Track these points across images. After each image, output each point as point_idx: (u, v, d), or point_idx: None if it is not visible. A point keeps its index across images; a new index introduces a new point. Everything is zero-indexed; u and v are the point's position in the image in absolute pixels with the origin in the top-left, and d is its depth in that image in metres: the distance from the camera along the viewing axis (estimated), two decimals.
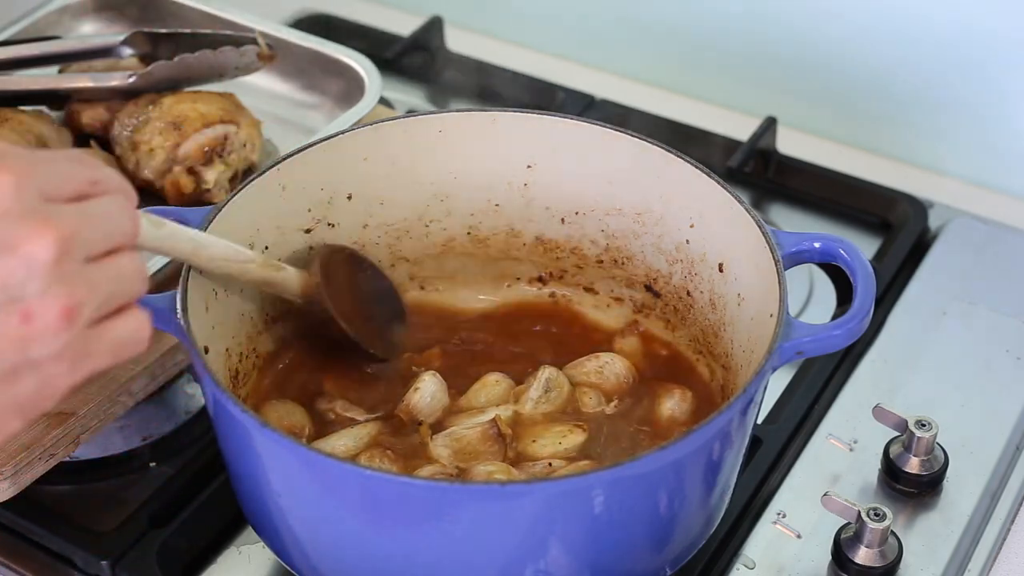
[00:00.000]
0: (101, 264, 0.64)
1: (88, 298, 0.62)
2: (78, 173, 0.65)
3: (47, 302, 0.61)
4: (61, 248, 0.61)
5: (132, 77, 1.06)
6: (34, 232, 0.61)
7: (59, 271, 0.61)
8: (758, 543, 0.89)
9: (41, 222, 0.61)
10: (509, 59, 1.31)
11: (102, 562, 0.86)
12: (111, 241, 0.65)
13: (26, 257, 0.60)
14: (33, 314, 0.61)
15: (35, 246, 0.61)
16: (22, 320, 0.61)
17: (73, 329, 0.62)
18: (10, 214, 0.61)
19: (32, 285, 0.61)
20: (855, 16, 1.21)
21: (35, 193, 0.62)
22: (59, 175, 0.64)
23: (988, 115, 1.20)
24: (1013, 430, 0.97)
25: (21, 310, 0.61)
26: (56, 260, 0.61)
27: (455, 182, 0.95)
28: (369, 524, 0.75)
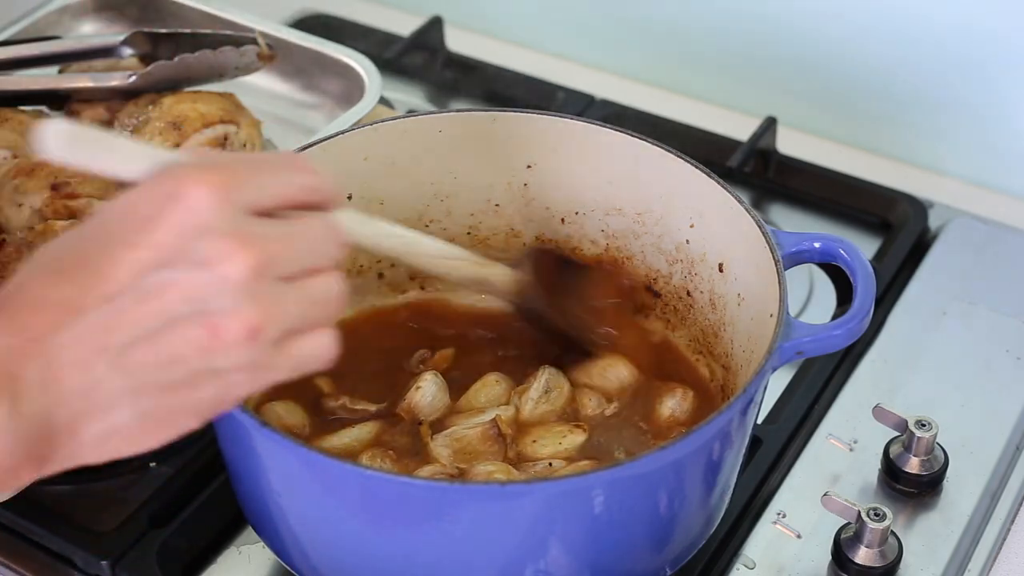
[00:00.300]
0: (295, 285, 0.65)
1: (275, 319, 0.64)
2: (289, 181, 0.67)
3: (235, 319, 0.63)
4: (255, 270, 0.63)
5: (132, 77, 1.07)
6: (230, 252, 0.62)
7: (250, 290, 0.63)
8: (758, 543, 0.89)
9: (239, 242, 0.62)
10: (509, 59, 1.31)
11: (102, 562, 0.86)
12: (309, 263, 0.66)
13: (219, 275, 0.62)
14: (220, 328, 0.63)
15: (229, 266, 0.62)
16: (209, 332, 0.63)
17: (256, 346, 0.64)
18: (210, 230, 0.62)
19: (221, 301, 0.62)
20: (855, 16, 1.21)
21: (238, 207, 0.63)
22: (266, 187, 0.65)
23: (988, 115, 1.20)
24: (1013, 430, 0.97)
25: (209, 323, 0.63)
26: (248, 281, 0.63)
27: (455, 182, 0.95)
28: (369, 524, 0.75)
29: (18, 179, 1.00)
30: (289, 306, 0.65)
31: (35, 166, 1.01)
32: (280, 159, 0.69)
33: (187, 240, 0.62)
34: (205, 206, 0.62)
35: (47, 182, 1.00)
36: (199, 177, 0.63)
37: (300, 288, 0.65)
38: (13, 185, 1.00)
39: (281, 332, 0.65)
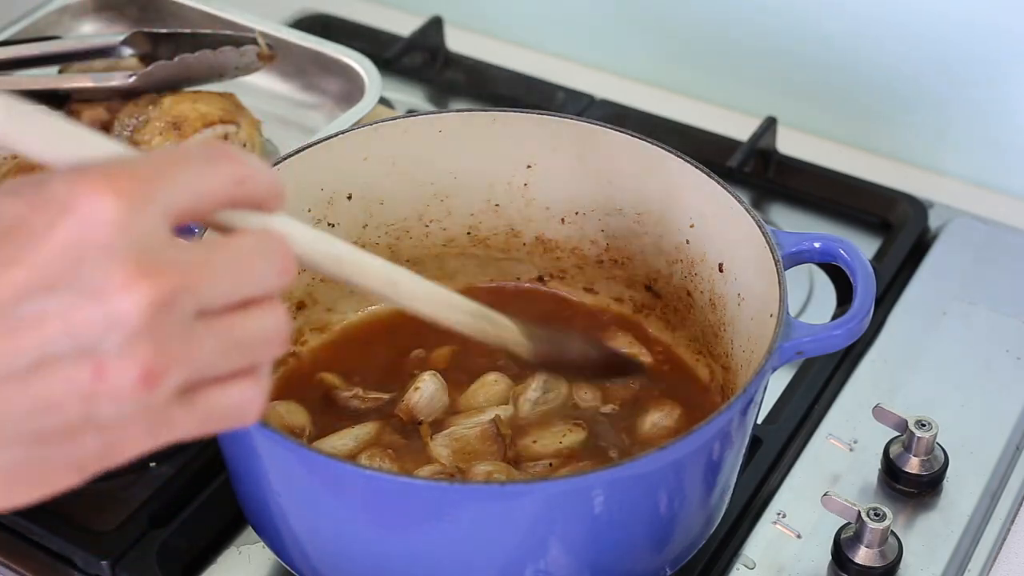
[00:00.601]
0: (217, 323, 0.54)
1: (180, 364, 0.53)
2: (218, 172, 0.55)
3: (125, 362, 0.51)
4: (156, 305, 0.51)
5: (132, 77, 1.07)
6: (127, 281, 0.51)
7: (149, 329, 0.51)
8: (758, 543, 0.89)
9: (139, 270, 0.51)
10: (509, 59, 1.31)
11: (102, 562, 0.86)
12: (240, 294, 0.54)
13: (111, 308, 0.51)
14: (106, 371, 0.51)
15: (123, 299, 0.51)
16: (93, 375, 0.51)
17: (152, 396, 0.52)
18: (107, 252, 0.51)
19: (111, 339, 0.51)
20: (855, 16, 1.21)
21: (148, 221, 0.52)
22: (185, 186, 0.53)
23: (988, 115, 1.20)
24: (1013, 430, 0.97)
25: (94, 364, 0.51)
26: (146, 317, 0.51)
27: (455, 182, 0.95)
28: (369, 524, 0.75)
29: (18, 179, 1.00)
30: (203, 349, 0.53)
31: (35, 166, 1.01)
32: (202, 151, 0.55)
33: (77, 262, 0.51)
34: (103, 220, 0.51)
35: None
36: (99, 183, 0.51)
37: (222, 327, 0.54)
38: None
39: (188, 380, 0.53)
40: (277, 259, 0.55)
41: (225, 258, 0.54)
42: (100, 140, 0.56)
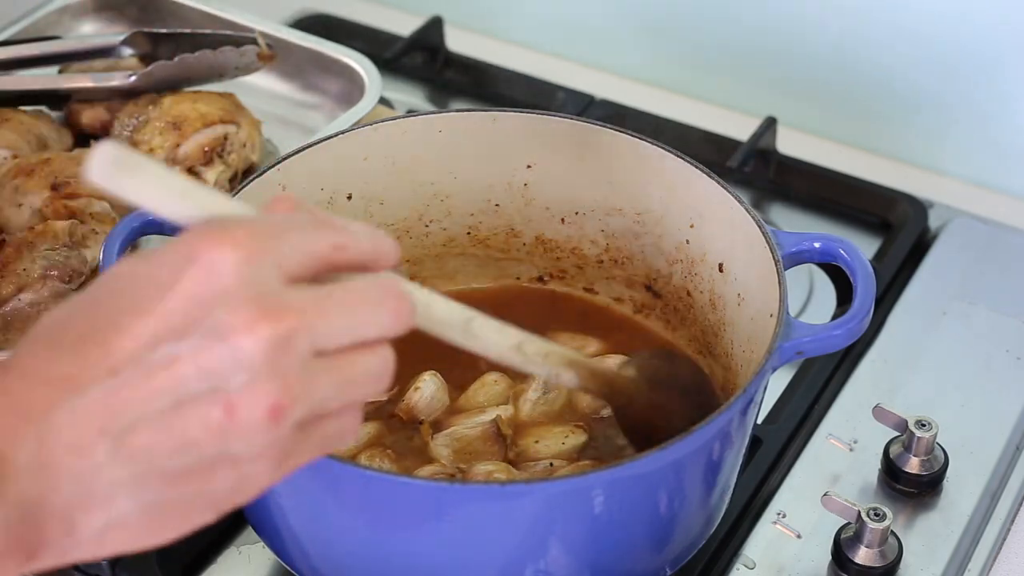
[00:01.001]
0: (332, 362, 0.58)
1: (302, 399, 0.56)
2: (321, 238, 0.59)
3: (254, 397, 0.55)
4: (277, 342, 0.55)
5: (132, 77, 1.07)
6: (249, 321, 0.55)
7: (272, 365, 0.55)
8: (758, 543, 0.89)
9: (260, 310, 0.55)
10: (509, 59, 1.31)
11: (102, 562, 0.86)
12: (353, 336, 0.58)
13: (235, 347, 0.55)
14: (237, 408, 0.55)
15: (247, 337, 0.55)
16: (225, 412, 0.55)
17: (279, 430, 0.56)
18: (230, 297, 0.55)
19: (239, 377, 0.55)
20: (855, 16, 1.21)
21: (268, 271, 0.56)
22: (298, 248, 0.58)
23: (988, 115, 1.20)
24: (1013, 430, 0.97)
25: (225, 402, 0.55)
26: (268, 354, 0.55)
27: (455, 182, 0.95)
28: (369, 524, 0.75)
29: (18, 179, 1.00)
30: (320, 385, 0.57)
31: (35, 166, 1.01)
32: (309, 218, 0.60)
33: (203, 308, 0.55)
34: (226, 270, 0.55)
35: (47, 182, 1.00)
36: (222, 237, 0.56)
37: (337, 366, 0.58)
38: (13, 185, 1.00)
39: (307, 415, 0.57)
40: (391, 302, 0.59)
41: (339, 301, 0.58)
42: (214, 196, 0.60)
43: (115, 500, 0.56)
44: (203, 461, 0.56)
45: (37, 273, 0.94)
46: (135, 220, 0.83)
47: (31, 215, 1.00)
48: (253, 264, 0.56)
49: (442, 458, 0.84)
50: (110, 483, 0.56)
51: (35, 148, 1.06)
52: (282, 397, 0.56)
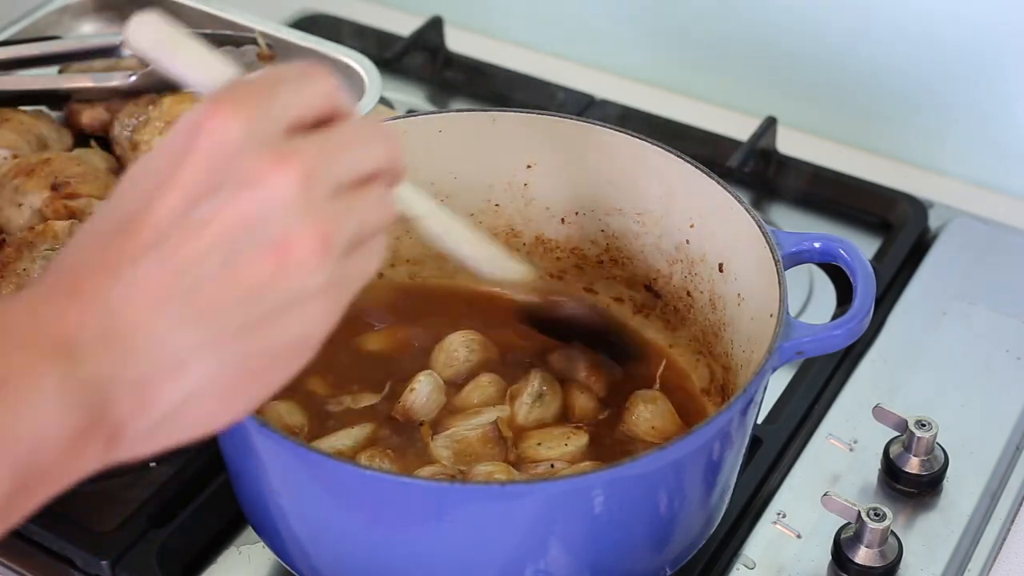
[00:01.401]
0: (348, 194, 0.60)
1: (342, 226, 0.59)
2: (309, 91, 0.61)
3: (303, 233, 0.58)
4: (303, 182, 0.58)
5: (132, 77, 1.07)
6: (272, 167, 0.57)
7: (307, 201, 0.58)
8: (758, 543, 0.89)
9: (278, 156, 0.58)
10: (509, 59, 1.31)
11: (102, 562, 0.86)
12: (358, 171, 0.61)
13: (268, 192, 0.57)
14: (290, 246, 0.57)
15: (276, 180, 0.57)
16: (279, 254, 0.57)
17: (330, 259, 0.58)
18: (243, 150, 0.57)
19: (281, 218, 0.57)
20: (855, 16, 1.21)
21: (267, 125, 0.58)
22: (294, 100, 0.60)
23: (988, 115, 1.20)
24: (1013, 430, 0.97)
25: (276, 244, 0.57)
26: (300, 193, 0.57)
27: (455, 182, 0.95)
28: (369, 524, 0.75)
29: (18, 179, 1.00)
30: (350, 214, 0.60)
31: (35, 166, 1.01)
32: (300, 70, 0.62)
33: (224, 164, 0.57)
34: (231, 127, 0.57)
35: (47, 182, 1.00)
36: (222, 102, 0.58)
37: (354, 196, 0.60)
38: (13, 185, 1.00)
39: (349, 241, 0.60)
40: (381, 139, 0.63)
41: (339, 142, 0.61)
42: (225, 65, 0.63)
43: (189, 366, 0.57)
44: (266, 309, 0.58)
45: (37, 273, 0.94)
46: None
47: (31, 215, 0.99)
48: (255, 120, 0.58)
49: (443, 459, 0.84)
50: (182, 347, 0.57)
51: (35, 148, 1.06)
52: (324, 227, 0.58)
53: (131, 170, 0.60)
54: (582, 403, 0.89)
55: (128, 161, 1.07)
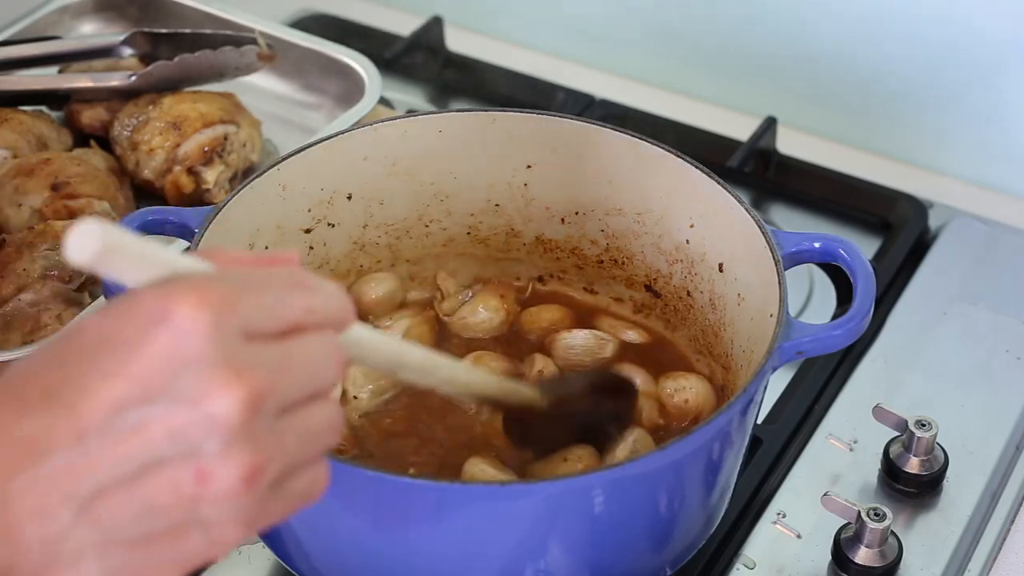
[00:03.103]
0: (294, 416, 0.57)
1: (274, 459, 0.56)
2: (293, 303, 0.57)
3: (228, 464, 0.54)
4: (250, 406, 0.54)
5: (132, 77, 1.07)
6: (222, 387, 0.54)
7: (245, 430, 0.54)
8: (758, 543, 0.89)
9: (233, 375, 0.54)
10: (509, 59, 1.31)
11: None
12: (309, 390, 0.58)
13: (209, 413, 0.54)
14: (210, 476, 0.54)
15: (220, 402, 0.54)
16: (197, 479, 0.54)
17: (253, 493, 0.55)
18: (200, 360, 0.54)
19: (212, 444, 0.54)
20: (855, 16, 1.21)
21: (235, 332, 0.55)
22: (269, 308, 0.57)
23: (988, 115, 1.20)
24: (1013, 430, 0.97)
25: (197, 468, 0.54)
26: (243, 419, 0.54)
27: (455, 182, 0.95)
28: (369, 524, 0.75)
29: (18, 179, 1.00)
30: (288, 442, 0.57)
31: (35, 166, 1.01)
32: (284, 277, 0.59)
33: (172, 370, 0.54)
34: (195, 331, 0.54)
35: (47, 182, 1.00)
36: (189, 297, 0.54)
37: (298, 420, 0.57)
38: (13, 185, 1.00)
39: (279, 473, 0.57)
40: (335, 356, 0.59)
41: (299, 360, 0.57)
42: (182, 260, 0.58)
43: (81, 564, 0.55)
44: (171, 526, 0.55)
45: (37, 273, 0.94)
46: (135, 220, 0.83)
47: (31, 215, 1.00)
48: (222, 326, 0.54)
49: None
50: (76, 548, 0.55)
51: (35, 148, 1.06)
52: (257, 460, 0.55)
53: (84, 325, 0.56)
54: None
55: (128, 161, 1.07)
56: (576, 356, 0.92)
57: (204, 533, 0.56)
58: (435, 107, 1.27)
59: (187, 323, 0.54)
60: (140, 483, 0.54)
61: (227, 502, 0.55)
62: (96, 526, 0.54)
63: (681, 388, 0.89)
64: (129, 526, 0.55)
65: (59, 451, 0.54)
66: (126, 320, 0.55)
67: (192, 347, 0.54)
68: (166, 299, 0.54)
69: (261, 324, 0.56)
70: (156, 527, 0.55)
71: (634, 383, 0.88)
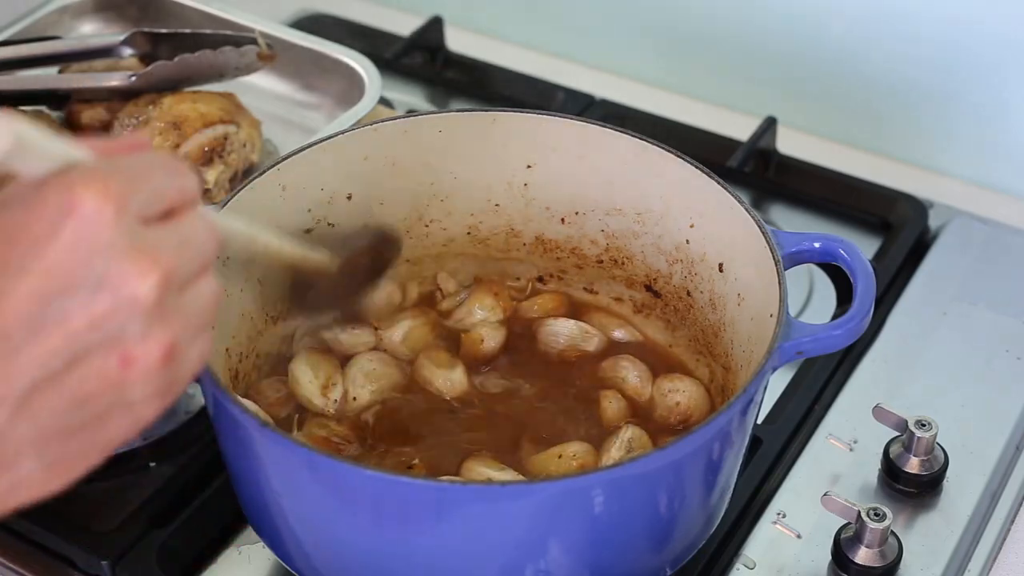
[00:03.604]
0: (189, 292, 0.59)
1: (184, 334, 0.59)
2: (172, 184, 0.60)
3: (148, 345, 0.57)
4: (164, 286, 0.57)
5: (132, 77, 1.07)
6: (136, 269, 0.56)
7: (159, 308, 0.57)
8: (758, 543, 0.89)
9: (144, 257, 0.56)
10: (509, 59, 1.31)
11: (102, 562, 0.86)
12: (200, 266, 0.60)
13: (127, 297, 0.56)
14: (134, 358, 0.57)
15: (138, 286, 0.56)
16: (121, 364, 0.56)
17: (171, 369, 0.58)
18: (111, 247, 0.55)
19: (133, 327, 0.56)
20: (855, 16, 1.21)
21: (134, 218, 0.57)
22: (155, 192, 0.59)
23: (988, 115, 1.20)
24: (1013, 430, 0.97)
25: (121, 354, 0.56)
26: (157, 299, 0.56)
27: (455, 182, 0.95)
28: (369, 524, 0.75)
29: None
30: (190, 316, 0.59)
31: None
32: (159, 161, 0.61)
33: (87, 260, 0.55)
34: (102, 220, 0.55)
35: None
36: (90, 187, 0.55)
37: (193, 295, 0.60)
38: None
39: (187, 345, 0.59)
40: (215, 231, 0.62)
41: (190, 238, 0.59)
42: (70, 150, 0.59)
43: (19, 461, 0.57)
44: (100, 413, 0.57)
45: None
46: None
47: None
48: (124, 212, 0.56)
49: None
50: (14, 448, 0.56)
51: None
52: (171, 338, 0.57)
53: None
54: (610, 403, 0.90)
55: None
56: (559, 345, 0.93)
57: (127, 413, 0.58)
58: (435, 107, 1.27)
59: (94, 213, 0.55)
60: (69, 374, 0.56)
61: (148, 381, 0.57)
62: (32, 422, 0.56)
63: (675, 389, 0.89)
64: (63, 418, 0.56)
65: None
66: (32, 215, 0.55)
67: (101, 235, 0.55)
68: (69, 192, 0.55)
69: (151, 208, 0.58)
70: (86, 415, 0.57)
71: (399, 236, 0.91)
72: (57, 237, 0.55)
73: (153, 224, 0.58)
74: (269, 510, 0.79)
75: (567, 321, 0.94)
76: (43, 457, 0.57)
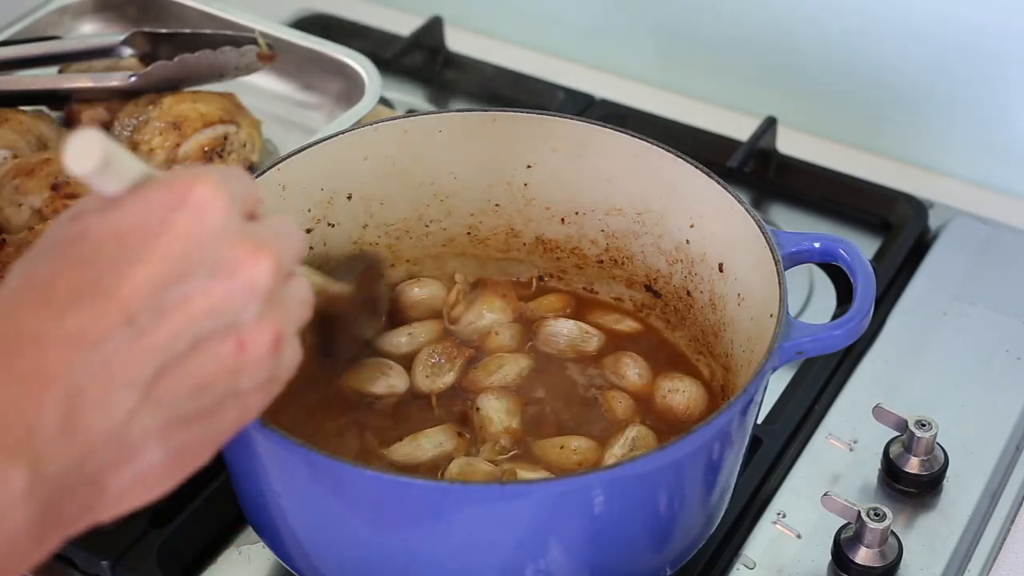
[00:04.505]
0: (291, 284, 0.61)
1: (289, 323, 0.60)
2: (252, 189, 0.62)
3: (261, 330, 0.58)
4: (277, 274, 0.58)
5: (132, 77, 1.07)
6: (253, 257, 0.58)
7: (275, 294, 0.59)
8: (758, 543, 0.89)
9: (257, 245, 0.58)
10: (509, 59, 1.31)
11: (102, 562, 0.86)
12: (295, 259, 0.62)
13: (245, 282, 0.57)
14: (248, 343, 0.58)
15: (255, 271, 0.58)
16: (238, 349, 0.57)
17: (277, 358, 0.59)
18: (224, 235, 0.57)
19: (249, 311, 0.58)
20: (855, 16, 1.21)
21: (240, 211, 0.59)
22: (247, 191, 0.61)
23: (988, 115, 1.20)
24: (1013, 430, 0.97)
25: (237, 338, 0.57)
26: (273, 284, 0.58)
27: (455, 182, 0.95)
28: (369, 524, 0.75)
29: (18, 179, 1.00)
30: (293, 308, 0.61)
31: (35, 166, 1.01)
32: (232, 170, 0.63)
33: (201, 247, 0.57)
34: (214, 209, 0.57)
35: (47, 182, 1.00)
36: (201, 178, 0.58)
37: (293, 289, 0.61)
38: (13, 185, 1.00)
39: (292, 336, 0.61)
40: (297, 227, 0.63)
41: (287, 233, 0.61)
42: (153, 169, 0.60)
43: (145, 452, 0.56)
44: (216, 399, 0.58)
45: None
46: None
47: (31, 215, 0.99)
48: (233, 204, 0.58)
49: None
50: (140, 436, 0.56)
51: (35, 148, 1.06)
52: (283, 324, 0.59)
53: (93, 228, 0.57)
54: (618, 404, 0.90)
55: None
56: (558, 346, 0.92)
57: (238, 403, 0.59)
58: (435, 107, 1.27)
59: (206, 203, 0.57)
60: (191, 358, 0.56)
61: (260, 369, 0.58)
62: (157, 408, 0.56)
63: (675, 389, 0.89)
64: (184, 405, 0.57)
65: (113, 336, 0.55)
66: (141, 213, 0.57)
67: (214, 223, 0.57)
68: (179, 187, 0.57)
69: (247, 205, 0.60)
70: (205, 403, 0.57)
71: (381, 259, 0.91)
72: (170, 227, 0.56)
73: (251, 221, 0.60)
74: (269, 510, 0.79)
75: (567, 321, 0.94)
76: (165, 447, 0.57)
